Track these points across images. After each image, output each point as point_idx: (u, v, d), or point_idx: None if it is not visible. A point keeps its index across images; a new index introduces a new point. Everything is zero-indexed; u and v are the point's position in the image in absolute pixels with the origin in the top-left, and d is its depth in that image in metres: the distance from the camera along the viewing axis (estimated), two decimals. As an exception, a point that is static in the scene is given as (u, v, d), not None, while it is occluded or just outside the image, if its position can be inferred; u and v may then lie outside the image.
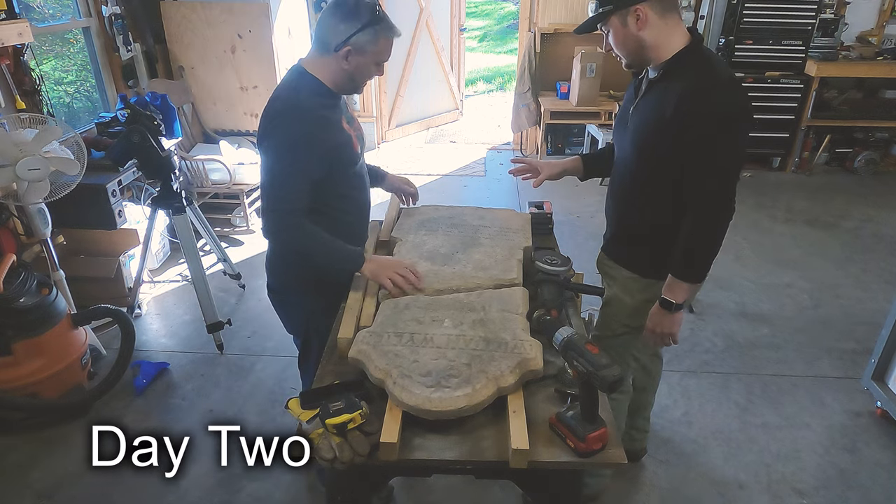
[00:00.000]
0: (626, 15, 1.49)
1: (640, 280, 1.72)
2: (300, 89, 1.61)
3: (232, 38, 4.08)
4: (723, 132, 1.43)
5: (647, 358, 2.03)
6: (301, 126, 1.55)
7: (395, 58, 5.61)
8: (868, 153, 5.15)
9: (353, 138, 1.71)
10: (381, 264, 1.63)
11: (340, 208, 1.73)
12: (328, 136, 1.60)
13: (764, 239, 4.06)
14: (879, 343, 2.44)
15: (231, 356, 2.90)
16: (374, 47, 1.57)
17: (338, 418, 1.17)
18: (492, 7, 15.10)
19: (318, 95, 1.61)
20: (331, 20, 1.55)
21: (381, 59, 1.62)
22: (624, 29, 1.51)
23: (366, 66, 1.60)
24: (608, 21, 1.52)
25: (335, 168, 1.65)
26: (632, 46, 1.53)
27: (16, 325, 2.35)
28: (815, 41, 4.87)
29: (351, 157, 1.69)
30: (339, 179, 1.69)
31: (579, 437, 1.18)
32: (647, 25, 1.48)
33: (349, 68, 1.59)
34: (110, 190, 2.96)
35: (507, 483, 1.38)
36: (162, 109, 3.31)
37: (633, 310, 1.74)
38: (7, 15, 2.72)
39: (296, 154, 1.56)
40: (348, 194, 1.74)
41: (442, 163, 5.54)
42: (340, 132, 1.66)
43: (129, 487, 2.17)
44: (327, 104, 1.63)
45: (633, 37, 1.50)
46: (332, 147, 1.62)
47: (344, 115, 1.70)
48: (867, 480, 2.22)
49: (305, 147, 1.56)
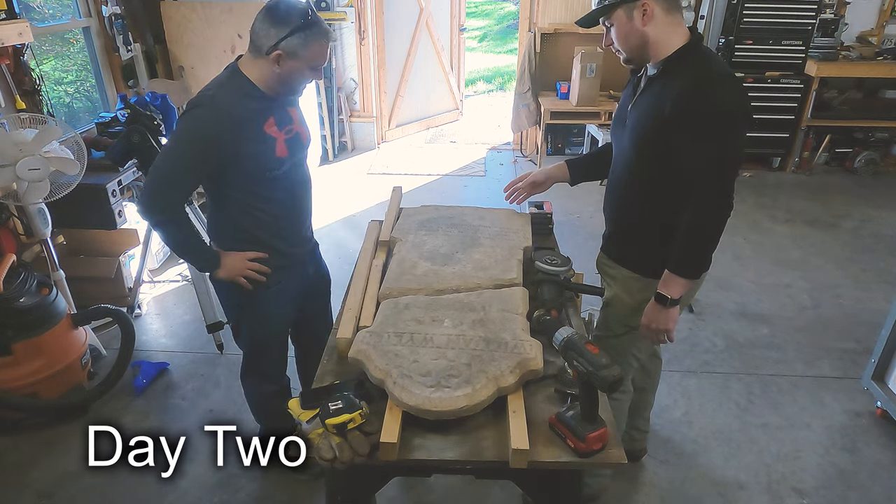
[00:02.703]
0: (633, 9, 1.48)
1: (640, 279, 1.71)
2: (224, 87, 1.63)
3: (232, 38, 4.08)
4: (721, 129, 1.43)
5: (646, 358, 2.03)
6: (202, 125, 1.58)
7: (395, 58, 5.71)
8: (868, 153, 5.14)
9: (279, 142, 1.68)
10: (231, 267, 1.76)
11: (260, 208, 1.75)
12: (234, 137, 1.59)
13: (764, 239, 4.06)
14: (879, 343, 2.44)
15: (231, 356, 2.89)
16: (305, 52, 1.56)
17: (338, 418, 1.17)
18: (492, 7, 15.10)
19: (242, 96, 1.61)
20: (262, 24, 1.56)
21: (314, 64, 1.61)
22: (629, 23, 1.50)
23: (298, 71, 1.60)
24: (612, 14, 1.51)
25: (244, 169, 1.65)
26: (634, 42, 1.52)
27: (16, 325, 2.35)
28: (815, 41, 4.87)
29: (266, 163, 1.67)
30: (254, 181, 1.69)
31: (579, 437, 1.18)
32: (653, 21, 1.48)
33: (280, 72, 1.59)
34: (110, 190, 2.96)
35: (507, 483, 1.38)
36: (162, 109, 3.31)
37: (634, 309, 1.73)
38: (7, 15, 2.72)
39: (188, 149, 1.61)
40: (268, 196, 1.74)
41: (442, 163, 5.53)
42: (258, 136, 1.63)
43: (129, 487, 2.17)
44: (250, 105, 1.62)
45: (638, 32, 1.50)
46: (238, 150, 1.60)
47: (274, 117, 1.67)
48: (867, 480, 2.22)
49: (200, 145, 1.59)
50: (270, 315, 1.91)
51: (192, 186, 1.73)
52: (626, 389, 1.97)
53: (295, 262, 1.92)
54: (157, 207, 1.65)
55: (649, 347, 1.89)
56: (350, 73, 5.39)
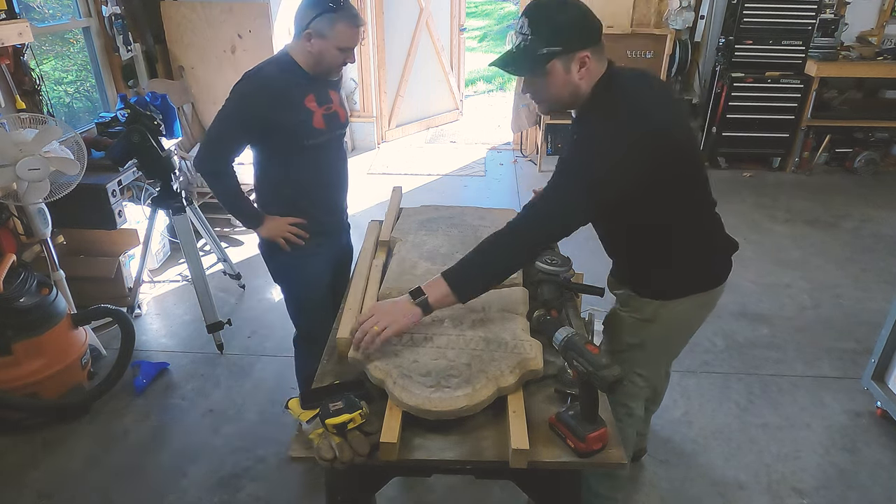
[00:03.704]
0: (571, 61, 1.35)
1: (637, 298, 1.67)
2: (270, 63, 1.86)
3: (232, 38, 4.08)
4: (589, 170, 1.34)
5: (656, 377, 1.92)
6: (246, 92, 1.81)
7: (395, 58, 5.71)
8: (868, 153, 5.14)
9: (317, 115, 1.87)
10: (272, 227, 1.98)
11: (299, 175, 1.93)
12: (273, 105, 1.79)
13: (764, 239, 4.06)
14: (879, 343, 2.44)
15: (231, 356, 2.90)
16: (332, 32, 1.73)
17: (338, 418, 1.17)
18: (492, 7, 15.08)
19: (284, 71, 1.82)
20: (300, 7, 1.77)
21: (342, 45, 1.77)
22: (566, 76, 1.37)
23: (328, 51, 1.77)
24: (547, 65, 1.36)
25: (284, 135, 1.84)
26: (566, 94, 1.40)
27: (16, 325, 2.35)
28: (815, 41, 4.86)
29: (304, 131, 1.85)
30: (294, 148, 1.88)
31: (579, 437, 1.18)
32: (588, 74, 1.37)
33: (313, 51, 1.78)
34: (110, 190, 2.96)
35: (507, 483, 1.38)
36: (162, 109, 3.31)
37: (630, 327, 1.69)
38: (7, 15, 2.71)
39: (233, 113, 1.83)
40: (307, 164, 1.93)
41: (442, 163, 5.53)
42: (297, 107, 1.83)
43: (129, 487, 2.17)
44: (291, 80, 1.82)
45: (573, 84, 1.38)
46: (277, 117, 1.80)
47: (314, 94, 1.86)
48: (867, 480, 2.22)
49: (243, 110, 1.81)
50: (309, 275, 2.08)
51: (238, 145, 1.92)
52: (633, 413, 1.83)
53: (330, 230, 2.11)
54: (206, 161, 1.94)
55: (656, 369, 1.85)
56: (350, 72, 5.39)
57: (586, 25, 1.37)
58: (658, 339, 1.70)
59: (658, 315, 1.63)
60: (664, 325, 1.65)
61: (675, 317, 1.65)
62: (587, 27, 1.37)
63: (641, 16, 5.12)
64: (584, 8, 1.38)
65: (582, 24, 1.36)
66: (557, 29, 1.35)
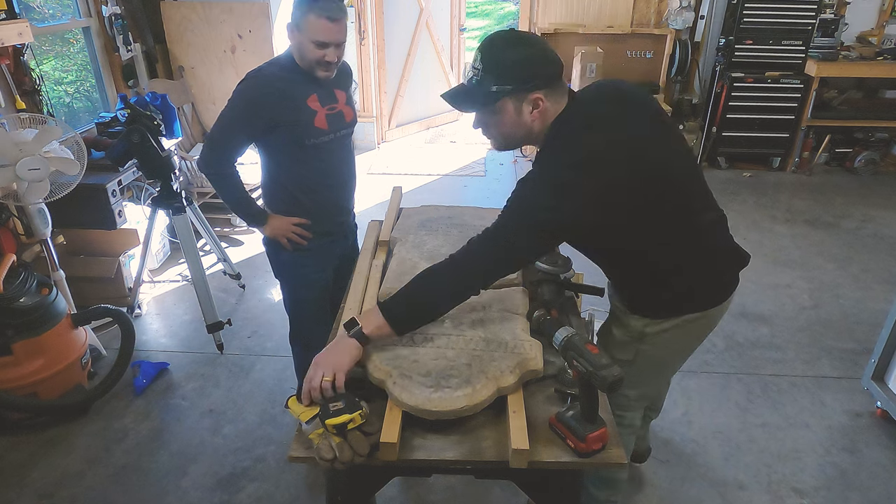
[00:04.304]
0: (523, 101, 1.29)
1: (626, 313, 1.59)
2: (273, 63, 1.88)
3: (232, 38, 4.08)
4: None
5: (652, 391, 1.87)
6: (248, 91, 1.81)
7: (395, 58, 5.71)
8: (868, 153, 5.14)
9: (320, 115, 1.87)
10: (275, 226, 1.99)
11: (303, 175, 1.95)
12: (275, 103, 1.80)
13: (764, 239, 4.06)
14: (879, 343, 2.44)
15: (231, 356, 2.90)
16: (304, 24, 1.73)
17: (338, 418, 1.17)
18: (492, 7, 15.08)
19: (286, 70, 1.84)
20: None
21: (315, 38, 1.74)
22: (516, 117, 1.32)
23: (304, 45, 1.76)
24: (497, 102, 1.31)
25: (286, 134, 1.84)
26: (518, 135, 1.36)
27: (16, 325, 2.35)
28: (815, 41, 4.86)
29: (306, 131, 1.85)
30: (296, 147, 1.88)
31: (579, 437, 1.18)
32: (541, 115, 1.31)
33: (294, 44, 1.80)
34: (110, 190, 2.96)
35: (507, 483, 1.38)
36: (162, 109, 3.31)
37: (620, 343, 1.62)
38: (7, 15, 2.71)
39: (235, 112, 1.83)
40: (311, 164, 1.93)
41: (442, 163, 5.53)
42: (299, 106, 1.83)
43: (129, 487, 2.17)
44: (292, 79, 1.83)
45: (525, 125, 1.33)
46: (279, 116, 1.81)
47: (317, 94, 1.85)
48: (867, 480, 2.22)
49: (246, 108, 1.82)
50: (308, 275, 2.09)
51: (241, 145, 1.93)
52: (627, 423, 1.77)
53: (334, 231, 2.11)
54: (210, 161, 1.93)
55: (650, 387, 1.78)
56: (350, 73, 5.39)
57: (542, 65, 1.30)
58: (649, 357, 1.61)
59: (645, 334, 1.55)
60: (654, 345, 1.57)
61: (666, 337, 1.55)
62: (543, 67, 1.30)
63: (641, 16, 5.12)
64: (541, 46, 1.32)
65: (537, 64, 1.29)
66: (510, 67, 1.28)
